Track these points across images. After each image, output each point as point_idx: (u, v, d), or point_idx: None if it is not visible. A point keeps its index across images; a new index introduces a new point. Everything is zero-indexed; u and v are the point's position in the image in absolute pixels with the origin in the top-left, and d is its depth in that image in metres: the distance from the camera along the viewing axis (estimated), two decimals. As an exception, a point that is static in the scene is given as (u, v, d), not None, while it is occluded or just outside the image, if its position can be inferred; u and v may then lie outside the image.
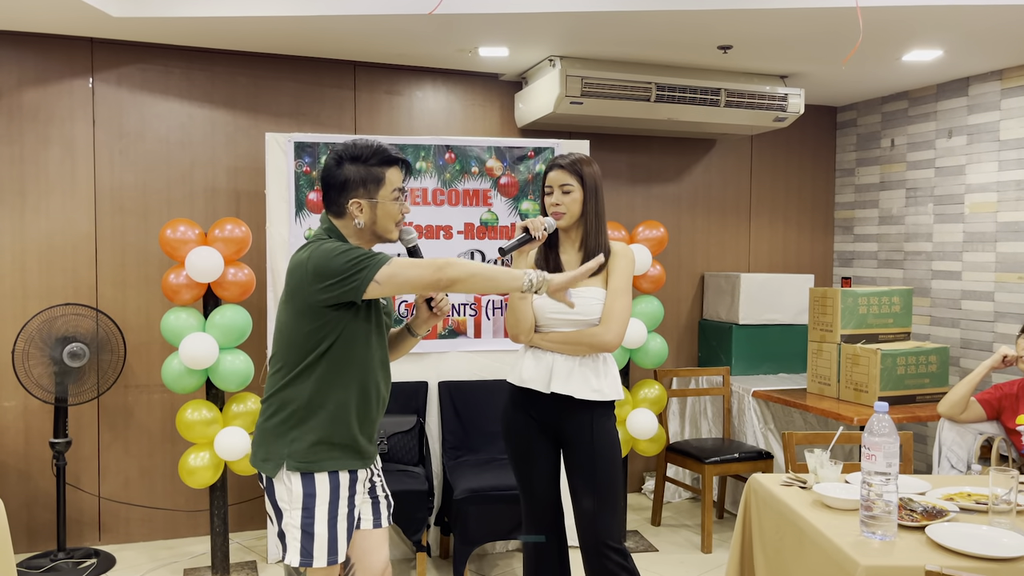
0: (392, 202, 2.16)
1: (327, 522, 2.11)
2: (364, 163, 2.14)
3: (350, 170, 2.14)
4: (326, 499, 2.12)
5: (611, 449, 2.62)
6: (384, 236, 2.20)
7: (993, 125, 4.41)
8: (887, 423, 2.04)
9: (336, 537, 2.12)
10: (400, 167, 2.19)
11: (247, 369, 3.61)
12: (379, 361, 2.22)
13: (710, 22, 3.55)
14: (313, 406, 2.13)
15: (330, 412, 2.13)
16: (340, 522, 2.13)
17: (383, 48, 4.11)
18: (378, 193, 2.14)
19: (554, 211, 2.63)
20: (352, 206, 2.14)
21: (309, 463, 2.11)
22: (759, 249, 5.33)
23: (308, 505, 2.10)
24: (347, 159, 2.15)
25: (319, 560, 2.11)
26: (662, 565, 3.90)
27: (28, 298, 3.94)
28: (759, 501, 2.53)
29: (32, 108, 3.94)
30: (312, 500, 2.11)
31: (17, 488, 3.95)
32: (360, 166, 2.14)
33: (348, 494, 2.16)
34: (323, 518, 2.11)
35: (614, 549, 2.57)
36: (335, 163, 2.16)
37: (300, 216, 3.83)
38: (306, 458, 2.11)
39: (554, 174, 2.63)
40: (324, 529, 2.11)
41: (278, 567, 3.87)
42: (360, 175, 2.14)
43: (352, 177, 2.14)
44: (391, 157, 2.16)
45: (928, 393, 4.09)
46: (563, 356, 2.60)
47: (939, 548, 2.00)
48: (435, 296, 2.33)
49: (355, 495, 2.19)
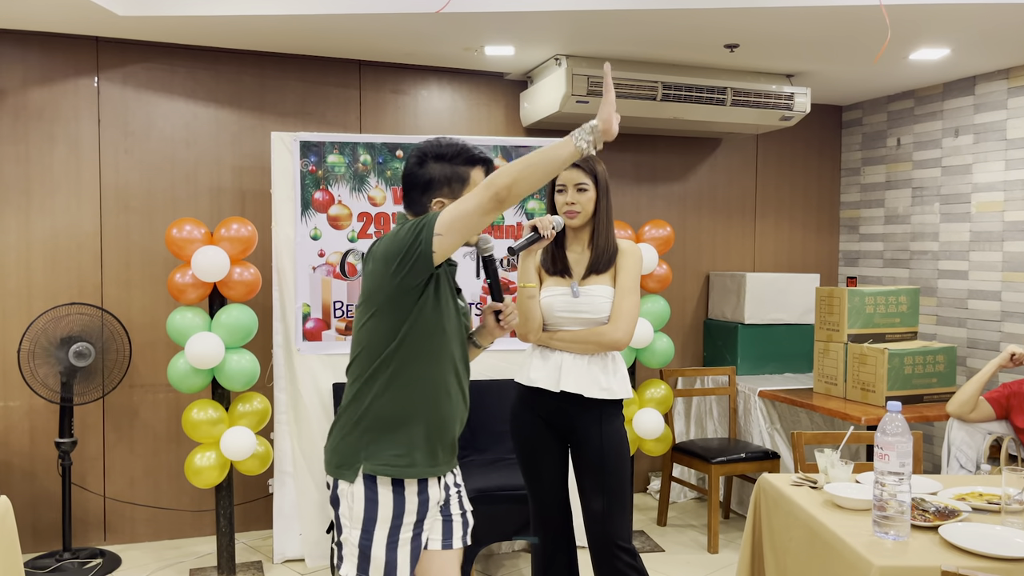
0: None
1: (386, 546, 2.00)
2: (449, 162, 2.07)
3: (435, 169, 2.07)
4: (388, 521, 2.00)
5: (620, 448, 2.62)
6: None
7: (1000, 124, 4.40)
8: (900, 422, 2.03)
9: (395, 563, 2.00)
10: (485, 167, 2.11)
11: (253, 369, 3.60)
12: (458, 360, 2.10)
13: (717, 21, 3.54)
14: (385, 409, 2.02)
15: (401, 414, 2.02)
16: (401, 547, 2.01)
17: (388, 47, 4.11)
18: (462, 193, 2.05)
19: (568, 210, 2.62)
20: (435, 206, 2.06)
21: (384, 466, 2.00)
22: (764, 248, 5.32)
23: (368, 528, 2.00)
24: (431, 158, 2.08)
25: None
26: (668, 565, 3.89)
27: (33, 297, 3.93)
28: (769, 501, 2.52)
29: (37, 107, 3.93)
30: (372, 524, 1.99)
31: (22, 488, 3.95)
32: (445, 164, 2.07)
33: (414, 518, 2.03)
34: (382, 541, 2.00)
35: (624, 549, 2.57)
36: (418, 162, 2.08)
37: (306, 215, 3.82)
38: (380, 461, 2.00)
39: (568, 172, 2.61)
40: (382, 552, 1.99)
41: (284, 567, 3.86)
42: (445, 174, 2.06)
43: (436, 176, 2.06)
44: (476, 157, 2.09)
45: (935, 393, 4.08)
46: (572, 355, 2.60)
47: (953, 548, 1.99)
48: (503, 309, 2.22)
49: (424, 519, 2.05)
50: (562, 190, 2.63)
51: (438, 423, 2.05)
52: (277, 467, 3.86)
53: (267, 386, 4.01)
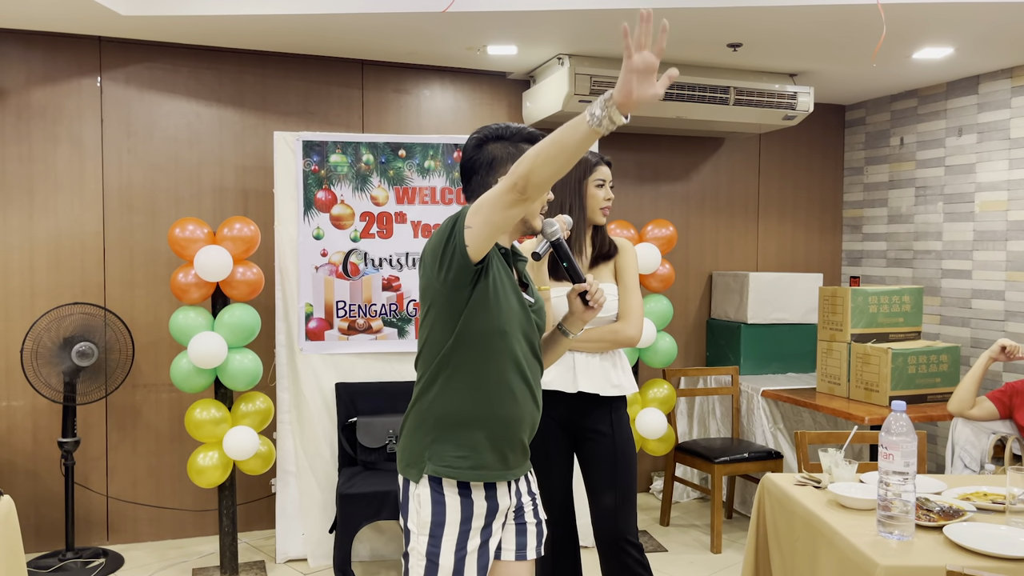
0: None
1: (454, 553, 1.90)
2: (510, 140, 1.99)
3: (496, 148, 1.97)
4: (456, 526, 1.90)
5: (629, 443, 2.66)
6: (530, 222, 2.00)
7: (1003, 123, 4.39)
8: (905, 422, 2.02)
9: (463, 571, 1.90)
10: None
11: (256, 368, 3.60)
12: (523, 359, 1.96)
13: (720, 20, 3.54)
14: (447, 409, 1.93)
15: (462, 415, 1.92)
16: (470, 556, 1.91)
17: (391, 47, 4.10)
18: None
19: (607, 206, 2.69)
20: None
21: (447, 467, 1.90)
22: (767, 248, 5.31)
23: (435, 533, 1.90)
24: (490, 139, 1.99)
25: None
26: (671, 565, 3.89)
27: (36, 297, 3.94)
28: (773, 501, 2.51)
29: (40, 107, 3.94)
30: (440, 529, 1.90)
31: (26, 487, 3.95)
32: (506, 143, 1.98)
33: (482, 523, 1.93)
34: (450, 548, 1.89)
35: (633, 544, 2.60)
36: (476, 146, 2.00)
37: (308, 215, 3.82)
38: (443, 462, 1.91)
39: (606, 170, 2.70)
40: (451, 561, 1.89)
41: (287, 567, 3.86)
42: (508, 152, 1.97)
43: (499, 155, 1.97)
44: (536, 135, 1.98)
45: (939, 392, 4.07)
46: (584, 354, 2.62)
47: (957, 548, 1.99)
48: (589, 288, 2.08)
49: (492, 522, 1.96)
50: (602, 185, 2.68)
51: (501, 425, 1.93)
52: (280, 467, 3.86)
53: (270, 386, 4.01)
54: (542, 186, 1.72)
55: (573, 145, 1.68)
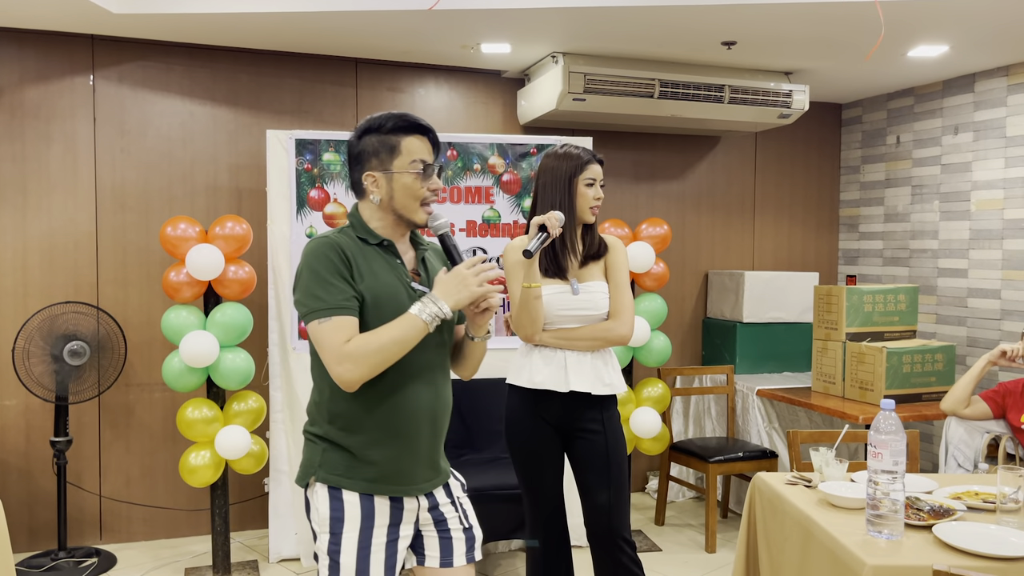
0: (410, 175, 1.88)
1: (356, 551, 1.84)
2: (378, 131, 1.91)
3: (366, 141, 1.92)
4: (356, 523, 1.85)
5: (621, 442, 2.66)
6: (407, 216, 1.92)
7: (1000, 121, 4.38)
8: (894, 421, 2.01)
9: (367, 571, 1.84)
10: (422, 136, 1.91)
11: (248, 367, 3.59)
12: (420, 370, 1.91)
13: (714, 17, 3.52)
14: (333, 412, 1.90)
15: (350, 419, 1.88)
16: (375, 554, 1.85)
17: (385, 45, 4.09)
18: (392, 163, 1.89)
19: (596, 205, 2.66)
20: (367, 180, 1.91)
21: (339, 477, 1.87)
22: (763, 247, 5.30)
23: (336, 530, 1.86)
24: (364, 131, 1.93)
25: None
26: (666, 565, 3.88)
27: (29, 296, 3.93)
28: (764, 500, 2.50)
29: (33, 106, 3.93)
30: (340, 525, 1.85)
31: (18, 487, 3.94)
32: (375, 135, 1.91)
33: (387, 521, 1.88)
34: (351, 547, 1.84)
35: (627, 542, 2.60)
36: (356, 138, 1.94)
37: (301, 214, 3.81)
38: (335, 471, 1.87)
39: (597, 168, 2.67)
40: (352, 560, 1.84)
41: (279, 566, 3.86)
42: (374, 145, 1.91)
43: (367, 148, 1.91)
44: (409, 124, 1.91)
45: (934, 392, 4.06)
46: (575, 353, 2.60)
47: (947, 547, 1.98)
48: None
49: (400, 522, 1.90)
50: (592, 183, 2.65)
51: (398, 437, 1.88)
52: (273, 466, 3.85)
53: (262, 385, 4.00)
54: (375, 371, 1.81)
55: (410, 342, 1.81)
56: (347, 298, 1.83)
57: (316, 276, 1.83)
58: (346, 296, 1.83)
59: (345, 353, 1.78)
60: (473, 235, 3.98)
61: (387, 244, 1.93)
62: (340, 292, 1.82)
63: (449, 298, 1.82)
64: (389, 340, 1.79)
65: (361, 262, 1.87)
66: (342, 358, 1.78)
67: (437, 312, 1.81)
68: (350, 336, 1.80)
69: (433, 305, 1.81)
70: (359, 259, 1.87)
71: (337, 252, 1.85)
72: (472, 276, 1.83)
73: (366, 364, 1.78)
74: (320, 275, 1.83)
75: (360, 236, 1.91)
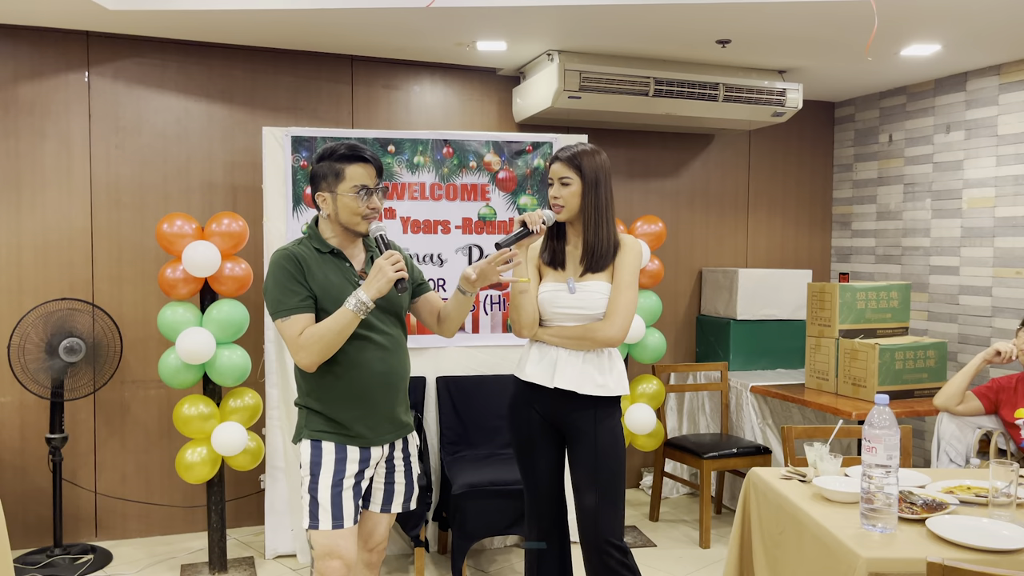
0: (351, 196, 2.32)
1: (331, 489, 2.31)
2: (328, 159, 2.34)
3: (319, 167, 2.36)
4: (331, 468, 2.32)
5: (614, 446, 2.59)
6: (351, 228, 2.37)
7: (991, 120, 4.41)
8: (888, 416, 2.03)
9: (340, 506, 2.31)
10: (364, 164, 2.33)
11: (244, 364, 3.59)
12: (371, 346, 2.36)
13: (709, 16, 3.54)
14: (309, 386, 2.38)
15: (322, 391, 2.36)
16: (346, 491, 2.32)
17: (380, 42, 4.10)
18: (338, 187, 2.33)
19: (553, 203, 2.62)
20: (318, 199, 2.38)
21: (319, 432, 2.35)
22: (757, 244, 5.33)
23: (315, 472, 2.33)
24: (320, 157, 2.37)
25: (323, 523, 2.30)
26: (660, 560, 3.90)
27: (24, 293, 3.92)
28: (758, 495, 2.52)
29: (28, 102, 3.92)
30: (318, 468, 2.33)
31: (13, 484, 3.94)
32: (326, 162, 2.35)
33: (356, 468, 2.35)
34: (327, 485, 2.31)
35: (615, 547, 2.55)
36: (315, 161, 2.39)
37: (297, 211, 3.81)
38: (313, 426, 2.36)
39: (555, 166, 2.62)
40: (328, 495, 2.30)
41: (276, 562, 3.86)
42: (323, 171, 2.35)
43: (319, 172, 2.36)
44: (352, 154, 2.33)
45: (926, 388, 4.09)
46: (568, 351, 2.59)
47: (940, 540, 2.00)
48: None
49: (365, 469, 2.38)
50: (551, 183, 2.63)
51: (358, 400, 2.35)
52: (269, 463, 3.86)
53: (259, 381, 4.00)
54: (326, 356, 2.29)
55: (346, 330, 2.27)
56: (302, 299, 2.30)
57: (278, 282, 2.31)
58: (302, 298, 2.30)
59: (299, 344, 2.28)
60: (469, 232, 3.99)
61: (336, 252, 2.39)
62: (296, 295, 2.30)
63: (370, 288, 2.26)
64: (327, 330, 2.26)
65: (314, 267, 2.33)
66: (297, 348, 2.28)
67: (360, 300, 2.25)
68: (303, 330, 2.28)
69: (356, 296, 2.25)
70: (312, 265, 2.33)
71: (293, 261, 2.32)
72: (388, 265, 2.26)
73: (313, 350, 2.27)
74: (280, 281, 2.31)
75: (315, 246, 2.38)
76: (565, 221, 2.64)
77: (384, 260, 2.27)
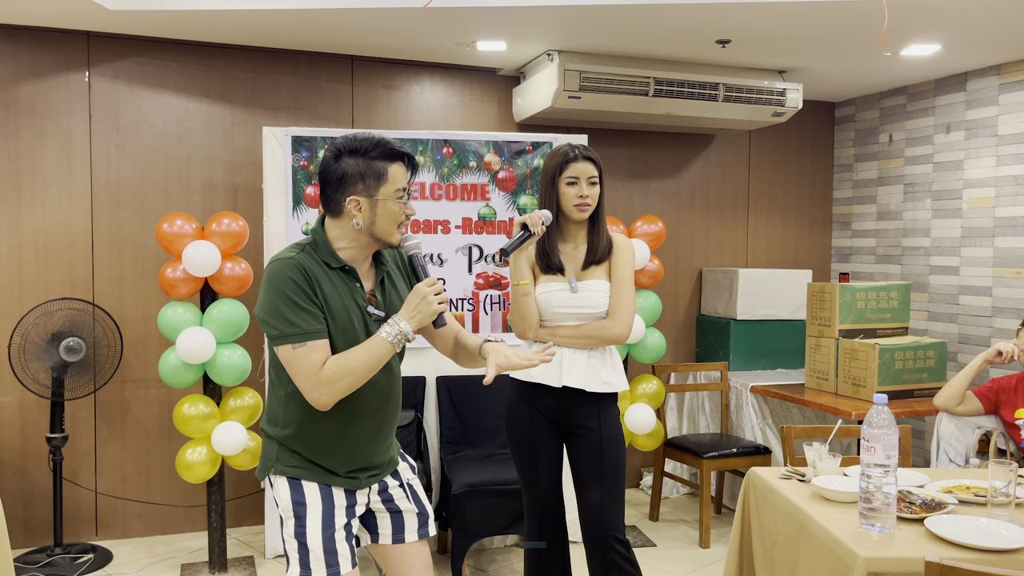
0: (395, 201, 1.94)
1: (321, 532, 1.96)
2: (364, 156, 1.93)
3: (349, 164, 1.92)
4: (318, 509, 1.98)
5: (617, 441, 2.65)
6: (384, 239, 1.98)
7: (991, 120, 4.41)
8: (886, 415, 2.04)
9: (334, 549, 1.96)
10: (405, 164, 1.97)
11: (244, 364, 3.60)
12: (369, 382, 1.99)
13: (709, 16, 3.54)
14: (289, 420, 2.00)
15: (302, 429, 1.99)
16: (338, 532, 1.98)
17: (380, 42, 4.10)
18: (379, 190, 1.93)
19: (581, 203, 2.60)
20: (350, 204, 1.93)
21: (295, 469, 1.99)
22: (757, 244, 5.33)
23: (299, 513, 1.97)
24: (346, 152, 1.94)
25: (317, 572, 1.94)
26: (660, 560, 3.90)
27: (24, 293, 3.93)
28: (758, 495, 2.53)
29: (28, 102, 3.92)
30: (303, 509, 1.97)
31: (13, 483, 3.94)
32: (360, 160, 1.93)
33: (345, 503, 2.02)
34: (316, 529, 1.96)
35: (619, 540, 2.60)
36: (333, 157, 1.95)
37: (297, 210, 3.82)
38: (288, 462, 2.00)
39: (582, 165, 2.59)
40: (319, 540, 1.96)
41: (276, 562, 3.87)
42: (360, 170, 1.92)
43: (351, 172, 1.92)
44: (395, 152, 1.95)
45: (926, 388, 4.09)
46: (571, 350, 2.61)
47: (938, 540, 2.00)
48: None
49: (355, 504, 2.04)
50: (574, 182, 2.60)
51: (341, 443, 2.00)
52: (269, 462, 3.86)
53: (259, 381, 4.00)
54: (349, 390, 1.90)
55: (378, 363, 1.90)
56: (319, 321, 1.90)
57: (286, 299, 1.88)
58: (318, 319, 1.90)
59: (320, 380, 1.87)
60: (469, 232, 3.99)
61: (348, 270, 1.99)
62: (312, 316, 1.89)
63: (413, 319, 1.91)
64: (359, 364, 1.89)
65: (324, 284, 1.93)
66: (317, 384, 1.88)
67: (401, 331, 1.90)
68: (324, 359, 1.89)
69: (397, 326, 1.91)
70: (322, 281, 1.93)
71: (302, 274, 1.91)
72: (432, 294, 1.92)
73: (339, 388, 1.88)
74: (290, 299, 1.88)
75: (323, 259, 1.96)
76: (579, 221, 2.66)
77: (427, 287, 1.91)
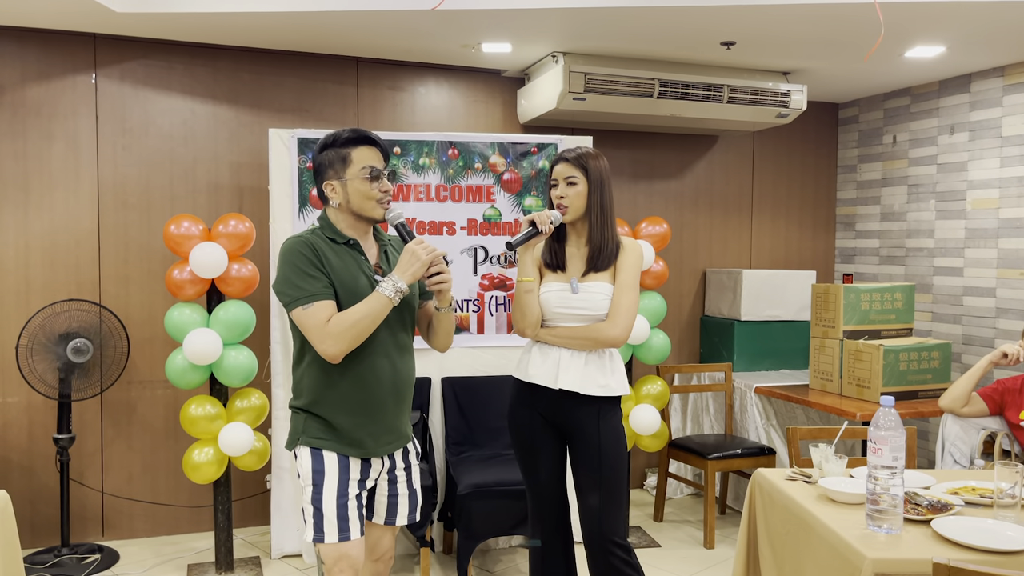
0: (361, 180, 2.21)
1: (336, 500, 2.19)
2: (333, 146, 2.24)
3: (323, 156, 2.25)
4: (335, 478, 2.20)
5: (617, 445, 2.62)
6: (364, 214, 2.24)
7: (995, 121, 4.41)
8: (893, 417, 2.04)
9: (347, 516, 2.19)
10: (370, 146, 2.23)
11: (251, 365, 3.61)
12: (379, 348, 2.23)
13: (713, 18, 3.55)
14: (311, 388, 2.23)
15: (325, 394, 2.22)
16: (351, 501, 2.20)
17: (386, 44, 4.11)
18: (346, 172, 2.21)
19: (558, 203, 2.64)
20: (327, 189, 2.25)
21: (319, 439, 2.22)
22: (761, 245, 5.33)
23: (317, 481, 2.19)
24: (322, 147, 2.25)
25: (330, 536, 2.18)
26: (665, 561, 3.91)
27: (32, 294, 3.94)
28: (764, 496, 2.53)
29: (35, 104, 3.94)
30: (321, 477, 2.19)
31: (21, 484, 3.96)
32: (330, 150, 2.24)
33: (358, 476, 2.23)
34: (331, 496, 2.18)
35: (619, 545, 2.57)
36: (316, 152, 2.27)
37: (303, 212, 3.83)
38: (312, 433, 2.23)
39: (560, 167, 2.65)
40: (333, 507, 2.18)
41: (282, 562, 3.88)
42: (329, 158, 2.23)
43: (324, 161, 2.24)
44: (359, 136, 2.22)
45: (930, 389, 4.10)
46: (570, 351, 2.60)
47: (945, 541, 2.01)
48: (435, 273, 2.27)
49: (367, 478, 2.26)
50: (555, 184, 2.65)
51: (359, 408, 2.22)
52: (275, 463, 3.88)
53: (265, 382, 4.02)
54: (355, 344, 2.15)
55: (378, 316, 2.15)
56: (324, 285, 2.16)
57: (295, 269, 2.16)
58: (324, 284, 2.16)
59: (327, 332, 2.12)
60: (474, 234, 4.00)
61: (353, 243, 2.26)
62: (318, 281, 2.16)
63: (405, 272, 2.17)
64: (361, 316, 2.13)
65: (331, 256, 2.20)
66: (324, 336, 2.12)
67: (396, 286, 2.15)
68: (330, 317, 2.14)
69: (391, 281, 2.15)
70: (328, 254, 2.20)
71: (310, 247, 2.18)
72: (421, 250, 2.17)
73: (344, 338, 2.12)
74: (298, 267, 2.16)
75: (329, 236, 2.23)
76: (568, 222, 2.66)
77: (416, 245, 2.17)
